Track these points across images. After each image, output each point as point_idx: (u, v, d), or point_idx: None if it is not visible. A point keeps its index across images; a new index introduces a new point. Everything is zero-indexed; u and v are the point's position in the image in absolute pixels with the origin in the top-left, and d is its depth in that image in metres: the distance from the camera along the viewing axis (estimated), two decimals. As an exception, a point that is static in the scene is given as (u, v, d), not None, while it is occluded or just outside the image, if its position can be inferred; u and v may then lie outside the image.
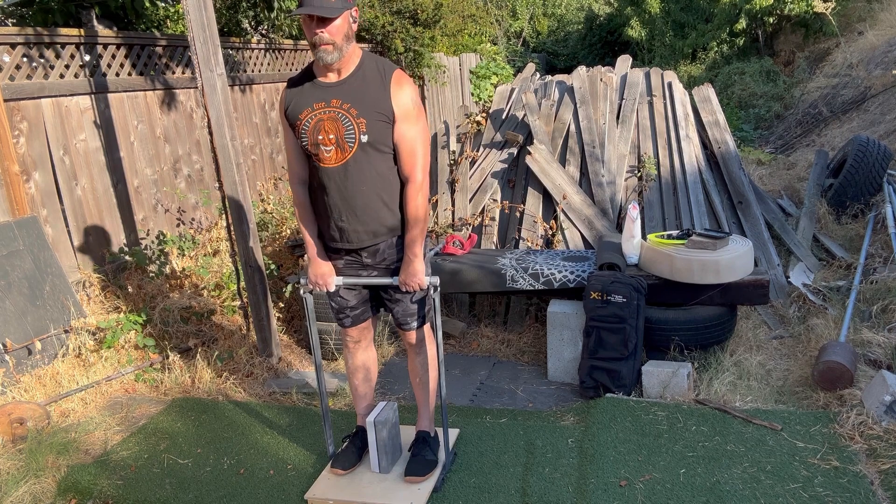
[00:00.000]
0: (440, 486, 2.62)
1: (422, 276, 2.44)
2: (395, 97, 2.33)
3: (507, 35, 19.82)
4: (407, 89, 2.35)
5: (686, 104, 4.96)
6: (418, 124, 2.38)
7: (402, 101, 2.34)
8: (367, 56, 2.38)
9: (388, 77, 2.34)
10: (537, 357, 3.88)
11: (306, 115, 2.35)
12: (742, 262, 3.37)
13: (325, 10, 2.19)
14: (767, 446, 2.70)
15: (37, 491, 2.79)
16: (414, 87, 2.38)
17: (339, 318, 2.68)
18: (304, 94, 2.38)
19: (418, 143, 2.38)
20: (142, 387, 3.73)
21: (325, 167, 2.38)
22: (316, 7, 2.18)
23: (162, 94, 5.58)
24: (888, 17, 9.53)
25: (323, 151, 2.35)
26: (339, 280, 2.54)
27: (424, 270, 2.45)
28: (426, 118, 2.45)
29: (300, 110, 2.37)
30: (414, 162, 2.38)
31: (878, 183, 4.89)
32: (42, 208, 4.45)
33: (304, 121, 2.36)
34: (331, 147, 2.34)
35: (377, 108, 2.32)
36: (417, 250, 2.42)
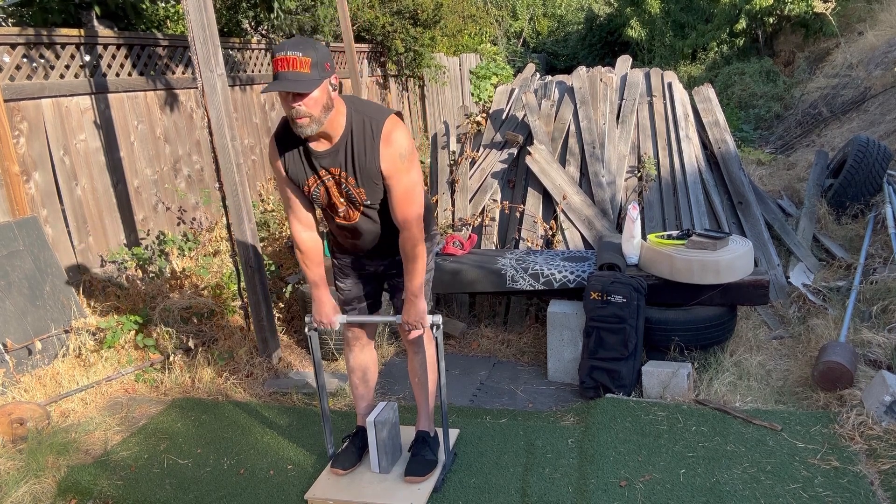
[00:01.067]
0: (440, 486, 2.62)
1: (424, 316, 2.47)
2: (384, 156, 2.27)
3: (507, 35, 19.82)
4: (395, 144, 2.27)
5: (686, 104, 4.96)
6: (409, 175, 2.32)
7: (390, 159, 2.27)
8: (354, 112, 2.28)
9: (377, 136, 2.26)
10: (537, 357, 3.88)
11: (313, 182, 2.36)
12: (742, 263, 3.37)
13: (300, 86, 2.07)
14: (767, 446, 2.70)
15: (37, 491, 2.79)
16: (404, 136, 2.30)
17: (348, 311, 2.70)
18: (299, 161, 2.34)
19: (410, 193, 2.34)
20: (142, 387, 3.73)
21: (339, 221, 2.47)
22: (290, 83, 2.08)
23: (162, 94, 5.58)
24: (888, 17, 9.53)
25: (337, 211, 2.43)
26: (342, 318, 2.60)
27: (426, 309, 2.48)
28: (419, 165, 2.38)
29: (303, 178, 2.36)
30: (406, 212, 2.34)
31: (878, 183, 4.90)
32: (42, 208, 4.45)
33: (312, 187, 2.38)
34: (343, 208, 2.42)
35: (371, 174, 2.30)
36: (417, 290, 2.44)
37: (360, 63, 9.28)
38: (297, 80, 2.09)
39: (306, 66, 2.09)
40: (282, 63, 2.09)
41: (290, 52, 2.07)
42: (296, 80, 2.09)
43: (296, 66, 2.08)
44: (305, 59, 2.08)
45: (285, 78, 2.09)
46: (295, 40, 2.11)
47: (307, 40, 2.13)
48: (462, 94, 13.25)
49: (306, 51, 2.09)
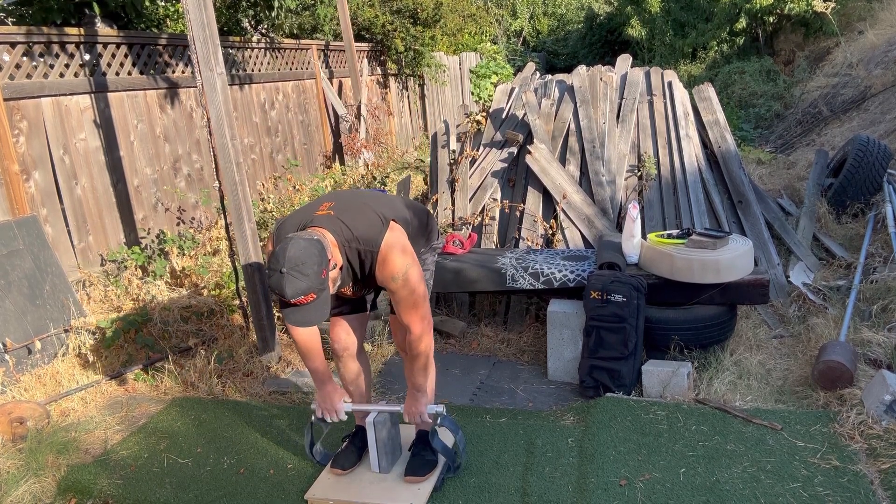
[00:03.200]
0: (440, 486, 2.62)
1: (424, 412, 2.54)
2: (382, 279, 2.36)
3: (507, 34, 19.82)
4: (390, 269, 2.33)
5: (686, 103, 4.96)
6: (407, 286, 2.35)
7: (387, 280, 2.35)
8: (348, 248, 2.33)
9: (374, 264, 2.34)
10: (537, 356, 3.88)
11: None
12: (742, 262, 3.37)
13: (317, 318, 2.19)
14: (767, 446, 2.70)
15: (37, 490, 2.79)
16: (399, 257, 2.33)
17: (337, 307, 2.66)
18: None
19: (411, 299, 2.38)
20: (142, 386, 3.73)
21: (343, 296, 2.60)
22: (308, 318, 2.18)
23: (162, 93, 5.58)
24: (888, 16, 9.52)
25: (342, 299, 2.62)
26: (348, 407, 2.64)
27: (427, 403, 2.56)
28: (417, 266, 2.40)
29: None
30: (409, 317, 2.41)
31: (878, 182, 4.89)
32: (42, 208, 4.45)
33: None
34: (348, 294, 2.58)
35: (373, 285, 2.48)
36: (420, 387, 2.53)
37: (359, 62, 9.28)
38: (313, 311, 2.18)
39: (311, 297, 2.15)
40: (289, 303, 2.17)
41: (291, 298, 2.12)
42: (312, 311, 2.18)
43: (303, 301, 2.16)
44: (309, 297, 2.14)
45: (297, 307, 2.18)
46: (286, 280, 2.10)
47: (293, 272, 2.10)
48: (462, 93, 13.24)
49: (301, 287, 2.11)
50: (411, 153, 10.38)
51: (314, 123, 8.31)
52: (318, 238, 2.20)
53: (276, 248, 2.18)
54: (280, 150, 7.46)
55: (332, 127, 8.74)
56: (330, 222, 2.32)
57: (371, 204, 2.44)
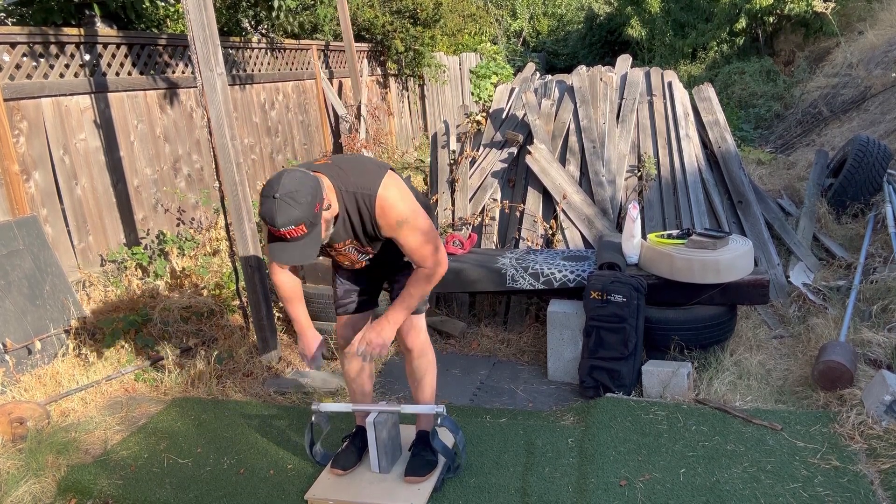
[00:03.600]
0: (440, 486, 2.62)
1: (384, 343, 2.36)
2: (383, 228, 2.30)
3: (507, 35, 19.83)
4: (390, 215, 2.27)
5: (686, 104, 4.96)
6: (414, 232, 2.30)
7: (389, 228, 2.29)
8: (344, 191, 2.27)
9: (372, 211, 2.27)
10: (537, 357, 3.88)
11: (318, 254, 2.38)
12: (742, 262, 3.37)
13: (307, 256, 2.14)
14: (767, 446, 2.70)
15: (37, 490, 2.79)
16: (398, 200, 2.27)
17: (347, 303, 2.68)
18: None
19: (419, 243, 2.32)
20: (142, 386, 3.73)
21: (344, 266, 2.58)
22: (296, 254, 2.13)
23: (162, 93, 5.58)
24: (888, 16, 9.52)
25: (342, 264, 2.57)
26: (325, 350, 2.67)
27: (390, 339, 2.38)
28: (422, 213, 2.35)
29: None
30: (420, 259, 2.34)
31: (878, 182, 4.89)
32: (42, 208, 4.44)
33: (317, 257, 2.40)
34: (348, 262, 2.54)
35: (375, 237, 2.38)
36: (397, 317, 2.39)
37: (360, 62, 9.28)
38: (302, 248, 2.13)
39: (302, 229, 2.09)
40: (276, 232, 2.10)
41: (282, 227, 2.06)
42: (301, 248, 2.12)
43: (291, 234, 2.09)
44: (299, 227, 2.08)
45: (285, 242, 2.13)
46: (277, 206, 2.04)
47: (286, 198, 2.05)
48: (462, 94, 13.24)
49: (294, 216, 2.05)
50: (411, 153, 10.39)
51: (314, 124, 8.31)
52: (314, 175, 2.17)
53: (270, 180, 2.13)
54: (280, 151, 7.47)
55: (332, 127, 8.74)
56: (327, 168, 2.29)
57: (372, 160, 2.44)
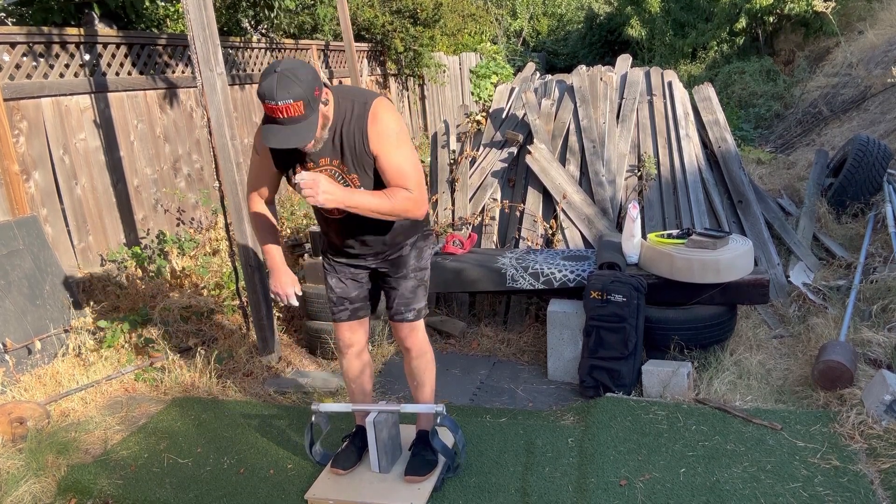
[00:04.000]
0: (440, 486, 2.62)
1: (321, 193, 2.12)
2: (372, 135, 2.21)
3: (507, 34, 19.82)
4: (382, 123, 2.22)
5: (686, 103, 4.96)
6: (399, 150, 2.24)
7: (377, 136, 2.22)
8: (341, 98, 2.23)
9: (365, 116, 2.21)
10: (537, 356, 3.88)
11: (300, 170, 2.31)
12: (742, 262, 3.37)
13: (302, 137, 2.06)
14: (767, 446, 2.70)
15: (37, 490, 2.79)
16: (392, 114, 2.25)
17: (338, 311, 2.63)
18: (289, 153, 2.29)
19: (402, 168, 2.25)
20: (142, 386, 3.73)
21: (329, 216, 2.41)
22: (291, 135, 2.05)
23: (162, 93, 5.58)
24: (888, 16, 9.52)
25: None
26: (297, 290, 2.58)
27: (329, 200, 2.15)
28: (411, 145, 2.31)
29: (293, 165, 2.32)
30: (405, 179, 2.25)
31: (878, 182, 4.89)
32: (42, 208, 4.44)
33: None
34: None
35: (362, 157, 2.25)
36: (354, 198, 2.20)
37: (359, 62, 9.28)
38: (295, 132, 2.05)
39: (300, 108, 2.03)
40: (273, 111, 2.03)
41: (280, 100, 2.00)
42: (293, 132, 2.05)
43: (289, 111, 2.03)
44: (297, 104, 2.01)
45: (281, 124, 2.05)
46: (278, 80, 2.00)
47: (288, 73, 2.01)
48: (462, 94, 13.25)
49: (294, 91, 2.00)
50: (411, 153, 10.37)
51: (314, 123, 8.30)
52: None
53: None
54: (280, 150, 7.46)
55: (332, 127, 8.72)
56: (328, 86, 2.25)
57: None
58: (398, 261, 2.54)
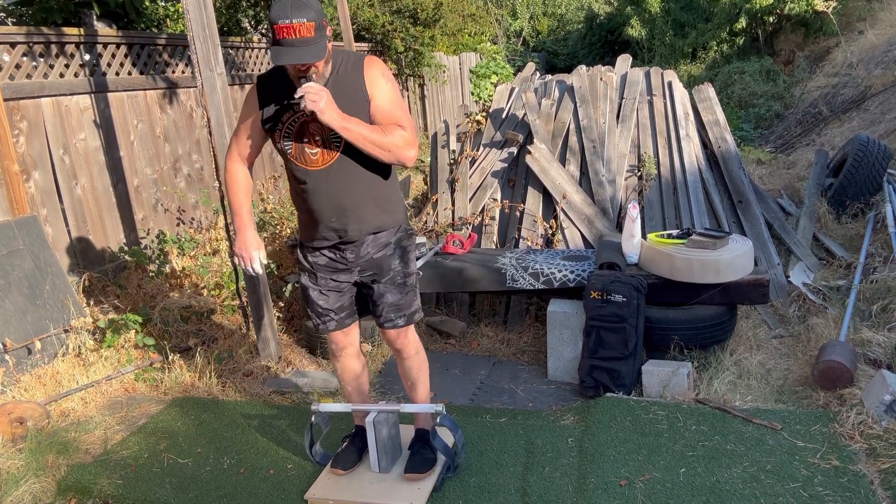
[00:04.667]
0: (440, 486, 2.62)
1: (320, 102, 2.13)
2: (368, 76, 2.29)
3: (507, 34, 19.83)
4: (378, 67, 2.31)
5: (686, 103, 4.96)
6: (395, 93, 2.33)
7: (373, 77, 2.29)
8: (338, 53, 2.32)
9: (359, 64, 2.30)
10: (537, 356, 3.88)
11: (288, 117, 2.30)
12: (742, 262, 3.37)
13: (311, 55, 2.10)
14: (767, 446, 2.70)
15: (37, 490, 2.79)
16: (385, 66, 2.35)
17: (324, 322, 2.58)
18: (281, 96, 2.30)
19: (400, 107, 2.33)
20: (142, 386, 3.73)
21: (310, 169, 2.34)
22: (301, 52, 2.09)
23: (162, 93, 5.58)
24: (888, 16, 9.52)
25: (308, 155, 2.32)
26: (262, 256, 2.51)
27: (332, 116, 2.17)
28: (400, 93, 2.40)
29: (281, 113, 2.32)
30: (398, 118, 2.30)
31: (878, 182, 4.89)
32: (42, 208, 4.44)
33: (286, 123, 2.31)
34: (316, 150, 2.32)
35: (358, 101, 2.28)
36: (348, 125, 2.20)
37: (359, 62, 9.26)
38: (306, 48, 2.09)
39: (311, 30, 2.08)
40: (286, 31, 2.07)
41: (294, 18, 2.05)
42: (305, 49, 2.09)
43: (301, 32, 2.07)
44: (310, 24, 2.07)
45: (292, 45, 2.08)
46: (292, 2, 2.06)
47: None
48: (462, 94, 13.24)
49: (307, 13, 2.07)
50: (411, 153, 10.37)
51: (314, 123, 8.30)
52: None
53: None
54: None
55: (332, 127, 8.72)
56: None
57: None
58: (382, 262, 2.47)
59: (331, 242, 2.45)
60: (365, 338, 3.97)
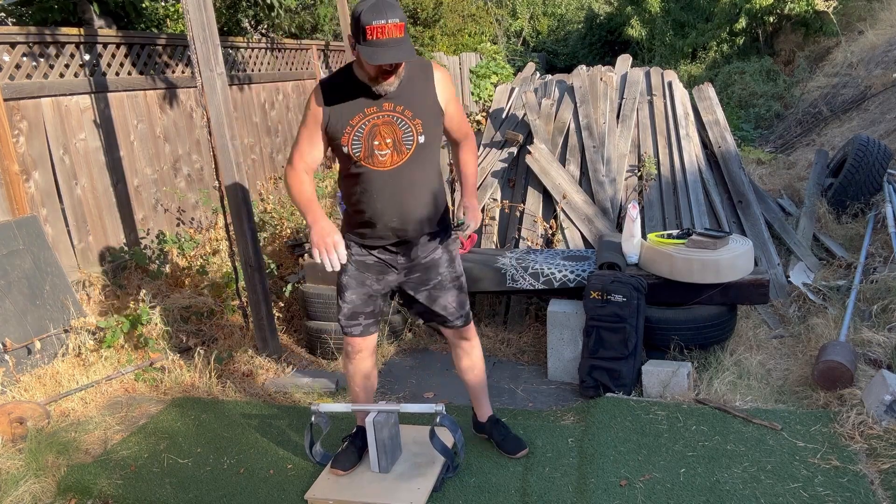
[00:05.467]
0: (440, 486, 2.62)
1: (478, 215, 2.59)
2: (439, 84, 2.37)
3: (507, 34, 19.82)
4: (447, 78, 2.42)
5: (686, 103, 4.96)
6: (458, 103, 2.51)
7: (446, 84, 2.40)
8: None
9: (429, 72, 2.36)
10: (537, 357, 3.88)
11: (359, 120, 2.29)
12: (742, 262, 3.37)
13: (406, 53, 2.13)
14: (767, 446, 2.70)
15: (37, 490, 2.79)
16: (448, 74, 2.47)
17: (350, 326, 2.58)
18: (349, 98, 2.30)
19: (463, 116, 2.57)
20: (141, 386, 3.73)
21: (378, 170, 2.34)
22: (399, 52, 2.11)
23: (162, 93, 5.58)
24: (888, 16, 9.52)
25: (378, 156, 2.33)
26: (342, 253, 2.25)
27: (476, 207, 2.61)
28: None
29: (350, 115, 2.30)
30: (467, 127, 2.59)
31: (878, 182, 4.89)
32: (42, 208, 4.45)
33: (356, 126, 2.29)
34: (387, 151, 2.32)
35: (429, 105, 2.35)
36: (475, 198, 2.63)
37: (359, 62, 9.26)
38: (401, 48, 2.12)
39: (402, 30, 2.12)
40: (381, 31, 2.09)
41: (389, 19, 2.09)
42: (400, 48, 2.12)
43: (394, 32, 2.10)
44: (401, 25, 2.11)
45: (387, 46, 2.11)
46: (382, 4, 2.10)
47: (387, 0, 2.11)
48: (462, 93, 13.23)
49: (399, 14, 2.11)
50: (411, 153, 10.35)
51: (314, 123, 8.30)
52: None
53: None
54: (280, 151, 7.46)
55: (332, 127, 8.72)
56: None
57: None
58: (432, 265, 2.55)
59: (386, 242, 2.47)
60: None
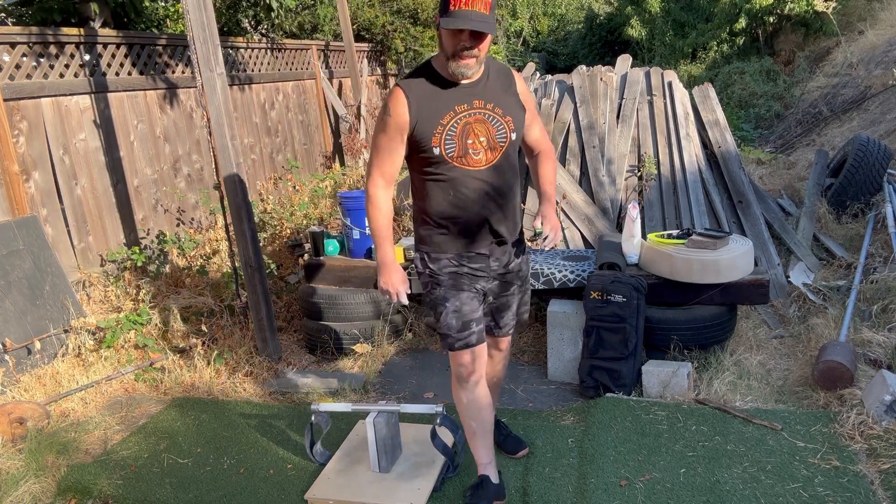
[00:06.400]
0: (440, 486, 2.62)
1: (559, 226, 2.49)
2: (520, 88, 2.37)
3: (507, 34, 19.81)
4: (525, 83, 2.41)
5: (686, 103, 4.96)
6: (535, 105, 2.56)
7: (526, 89, 2.40)
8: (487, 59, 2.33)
9: (511, 76, 2.35)
10: (537, 357, 3.88)
11: (450, 119, 2.20)
12: (742, 262, 3.37)
13: (488, 26, 2.05)
14: (767, 446, 2.70)
15: (37, 491, 2.79)
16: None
17: (465, 337, 2.35)
18: (436, 97, 2.20)
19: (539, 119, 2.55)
20: (142, 386, 3.73)
21: (472, 169, 2.26)
22: (480, 23, 2.03)
23: (162, 93, 5.58)
24: (888, 16, 9.52)
25: (472, 156, 2.24)
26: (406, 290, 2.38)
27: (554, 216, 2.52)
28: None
29: (441, 115, 2.20)
30: (548, 139, 2.57)
31: (878, 182, 4.89)
32: (42, 208, 4.45)
33: (448, 126, 2.20)
34: (480, 150, 2.25)
35: (515, 104, 2.33)
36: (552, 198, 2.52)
37: (360, 62, 9.27)
38: (484, 21, 2.05)
39: (488, 6, 2.06)
40: (468, 2, 2.04)
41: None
42: (483, 21, 2.04)
43: (481, 6, 2.04)
44: (489, 1, 2.05)
45: (469, 17, 2.03)
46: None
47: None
48: (462, 94, 13.23)
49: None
50: (411, 153, 10.37)
51: (314, 124, 8.31)
52: None
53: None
54: (280, 151, 7.47)
55: (332, 127, 8.74)
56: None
57: None
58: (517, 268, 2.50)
59: (481, 249, 2.37)
60: (364, 338, 3.97)
